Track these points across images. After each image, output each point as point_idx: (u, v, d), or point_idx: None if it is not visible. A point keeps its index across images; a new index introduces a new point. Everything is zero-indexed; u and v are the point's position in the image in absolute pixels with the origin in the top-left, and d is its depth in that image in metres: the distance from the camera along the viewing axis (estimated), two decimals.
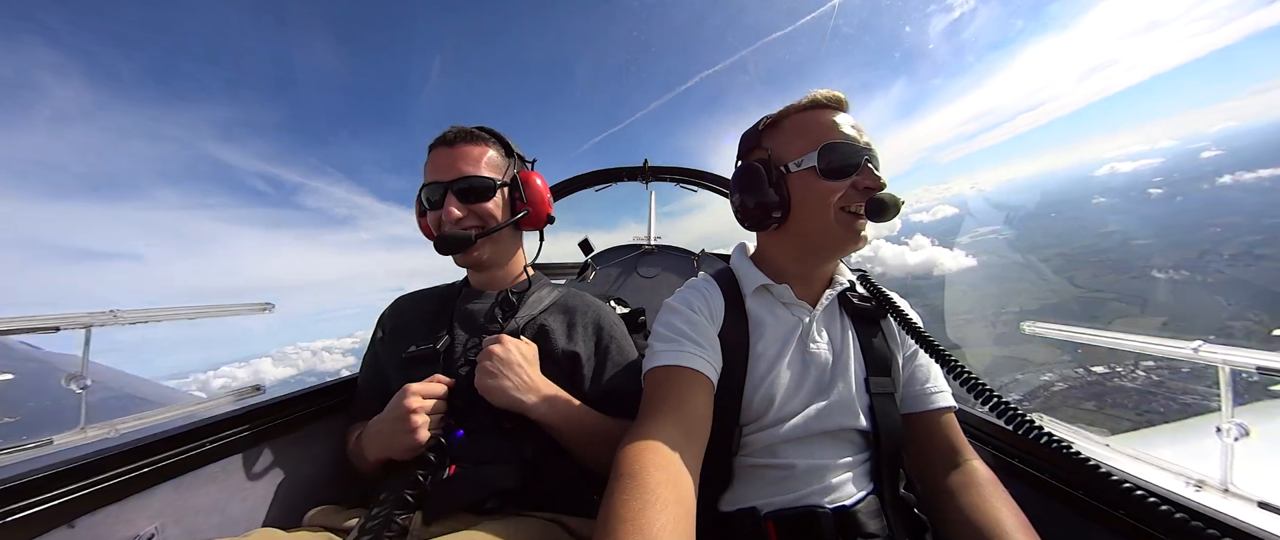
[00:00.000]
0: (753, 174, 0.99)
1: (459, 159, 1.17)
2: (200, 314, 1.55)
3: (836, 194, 0.92)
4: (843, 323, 1.06)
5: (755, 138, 1.03)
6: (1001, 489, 0.90)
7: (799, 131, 0.96)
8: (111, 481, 0.90)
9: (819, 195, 0.93)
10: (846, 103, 0.98)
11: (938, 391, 1.03)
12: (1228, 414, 1.15)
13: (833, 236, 0.95)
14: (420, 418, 0.98)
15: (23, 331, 1.08)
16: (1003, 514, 0.84)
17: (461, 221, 1.15)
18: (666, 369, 0.90)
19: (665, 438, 0.76)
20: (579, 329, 1.20)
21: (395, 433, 0.99)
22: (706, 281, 1.09)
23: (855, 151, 0.92)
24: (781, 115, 1.01)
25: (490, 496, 0.96)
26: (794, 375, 0.99)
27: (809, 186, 0.94)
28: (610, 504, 0.65)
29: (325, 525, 0.97)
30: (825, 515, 0.89)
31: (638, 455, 0.72)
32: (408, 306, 1.29)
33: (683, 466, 0.74)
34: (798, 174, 0.95)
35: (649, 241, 3.25)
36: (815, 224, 0.95)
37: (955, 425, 1.02)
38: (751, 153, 1.04)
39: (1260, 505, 0.98)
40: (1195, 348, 1.24)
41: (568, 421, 1.03)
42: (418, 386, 1.01)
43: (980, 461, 0.97)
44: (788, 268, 1.05)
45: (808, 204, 0.95)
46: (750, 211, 1.00)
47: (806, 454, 0.96)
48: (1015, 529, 0.82)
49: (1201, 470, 1.14)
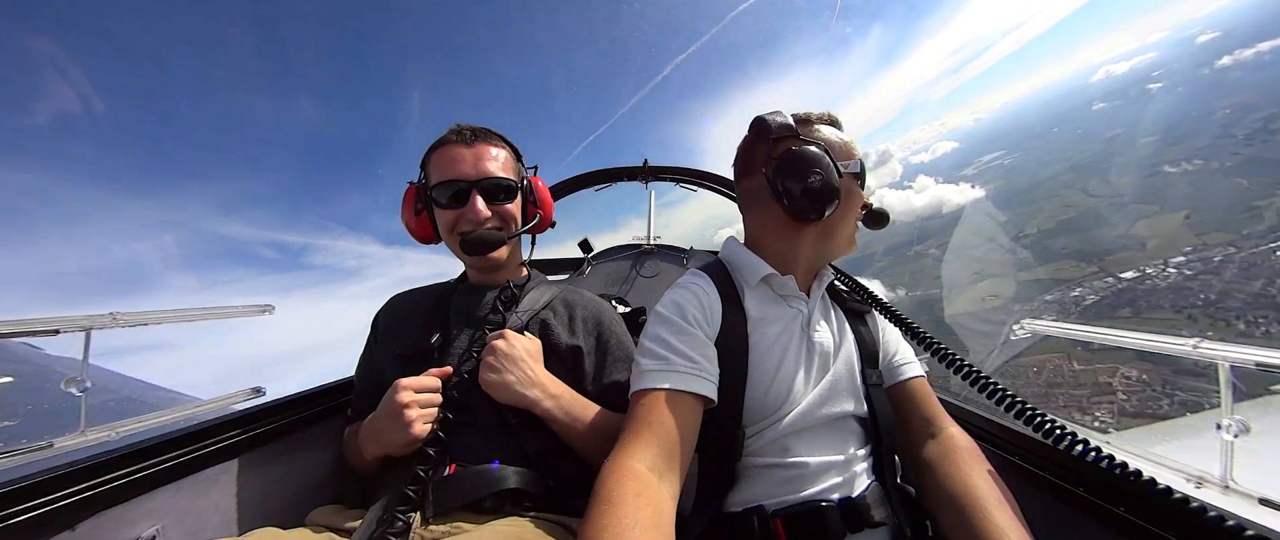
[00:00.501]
0: (820, 161, 0.94)
1: (483, 158, 1.15)
2: (200, 316, 1.55)
3: (862, 202, 1.04)
4: (836, 314, 1.09)
5: (793, 128, 0.99)
6: (979, 458, 0.91)
7: (836, 139, 1.01)
8: (112, 484, 0.90)
9: (857, 201, 1.03)
10: None
11: (905, 362, 1.07)
12: (1227, 411, 1.16)
13: (850, 240, 1.05)
14: (414, 412, 0.97)
15: (23, 334, 1.08)
16: (979, 484, 0.85)
17: (488, 222, 1.15)
18: (652, 393, 0.87)
19: (646, 462, 0.77)
20: (580, 324, 1.20)
21: (389, 429, 0.98)
22: (698, 278, 1.05)
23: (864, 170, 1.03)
24: (808, 117, 1.03)
25: (491, 495, 0.96)
26: (799, 367, 0.98)
27: (851, 191, 1.01)
28: (587, 532, 0.67)
29: (326, 525, 0.96)
30: (831, 508, 0.89)
31: (619, 482, 0.73)
32: (402, 304, 1.28)
33: (663, 492, 0.75)
34: (846, 176, 0.99)
35: (649, 241, 3.25)
36: (846, 226, 1.03)
37: (928, 394, 1.04)
38: (789, 139, 0.99)
39: (1261, 502, 0.98)
40: (1193, 345, 1.25)
41: (571, 417, 1.03)
42: (410, 380, 1.00)
43: (957, 429, 0.98)
44: (798, 260, 1.04)
45: (849, 205, 1.01)
46: (809, 198, 0.95)
47: (810, 445, 0.95)
48: (990, 499, 0.82)
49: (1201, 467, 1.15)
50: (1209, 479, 1.14)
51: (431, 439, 0.98)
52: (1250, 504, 1.03)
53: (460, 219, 1.14)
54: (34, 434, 1.02)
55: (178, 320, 1.49)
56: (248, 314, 1.69)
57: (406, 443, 0.97)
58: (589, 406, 1.07)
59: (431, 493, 0.94)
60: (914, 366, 1.06)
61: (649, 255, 3.06)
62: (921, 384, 1.05)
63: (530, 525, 0.92)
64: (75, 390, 1.22)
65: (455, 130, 1.19)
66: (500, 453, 1.02)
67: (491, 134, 1.21)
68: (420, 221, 1.20)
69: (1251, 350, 1.14)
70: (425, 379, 1.02)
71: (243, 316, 1.68)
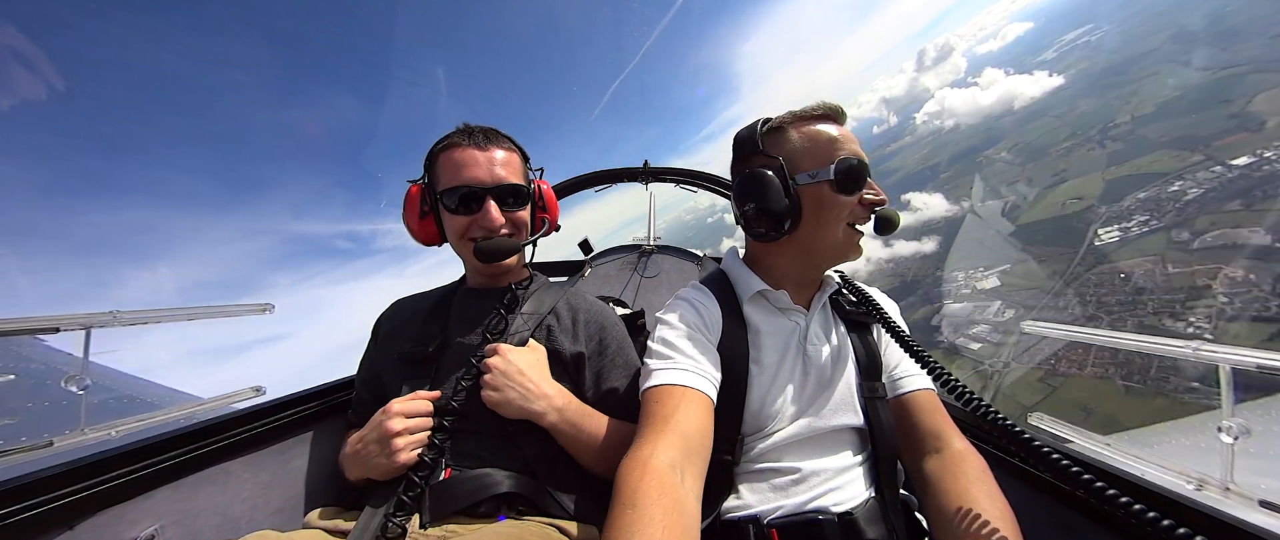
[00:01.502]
0: (765, 182, 0.96)
1: (496, 163, 1.13)
2: (199, 315, 1.55)
3: (848, 209, 0.96)
4: (836, 325, 1.07)
5: (756, 143, 1.01)
6: (983, 474, 0.87)
7: (809, 143, 0.97)
8: (112, 483, 0.90)
9: (832, 209, 0.95)
10: (845, 114, 1.01)
11: (908, 374, 1.03)
12: (1228, 413, 1.16)
13: (838, 249, 0.99)
14: (402, 440, 0.95)
15: (23, 332, 1.08)
16: (978, 503, 0.81)
17: (502, 228, 1.13)
18: (664, 389, 0.88)
19: (666, 461, 0.75)
20: (582, 328, 1.19)
21: (375, 453, 0.96)
22: (700, 290, 1.08)
23: (863, 167, 0.95)
24: (784, 122, 1.00)
25: (487, 500, 0.96)
26: (795, 379, 0.99)
27: (821, 200, 0.95)
28: (611, 534, 0.65)
29: (325, 527, 0.96)
30: (829, 521, 0.88)
31: (639, 482, 0.70)
32: (404, 308, 1.27)
33: (685, 491, 0.73)
34: (810, 186, 0.95)
35: (649, 242, 3.25)
36: (825, 236, 0.97)
37: (934, 406, 1.00)
38: (753, 158, 1.01)
39: (1261, 504, 0.98)
40: (1194, 348, 1.24)
41: (576, 427, 1.03)
42: (400, 405, 0.98)
43: (964, 443, 0.94)
44: (786, 274, 1.05)
45: (820, 216, 0.96)
46: (762, 219, 0.98)
47: (808, 457, 0.96)
48: (993, 518, 0.79)
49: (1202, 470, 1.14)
50: (1210, 481, 1.14)
51: (418, 465, 0.97)
52: (1250, 506, 1.03)
53: (473, 225, 1.12)
54: (34, 432, 1.01)
55: (178, 319, 1.49)
56: (248, 312, 1.69)
57: (390, 471, 0.96)
58: (593, 416, 1.07)
59: (428, 497, 0.94)
60: (918, 378, 1.02)
61: (649, 256, 3.06)
62: (926, 396, 1.01)
63: (526, 529, 0.92)
64: (75, 388, 1.22)
65: (464, 131, 1.16)
66: (498, 458, 1.02)
67: (501, 136, 1.19)
68: (424, 224, 1.17)
69: (1252, 352, 1.13)
70: (415, 403, 1.00)
71: (243, 315, 1.68)
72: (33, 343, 3.40)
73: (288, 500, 1.19)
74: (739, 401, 0.96)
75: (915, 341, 0.94)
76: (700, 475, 0.80)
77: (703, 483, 0.80)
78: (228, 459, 1.09)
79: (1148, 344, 1.40)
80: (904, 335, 0.95)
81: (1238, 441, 1.13)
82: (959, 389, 0.81)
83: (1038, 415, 1.52)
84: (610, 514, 0.68)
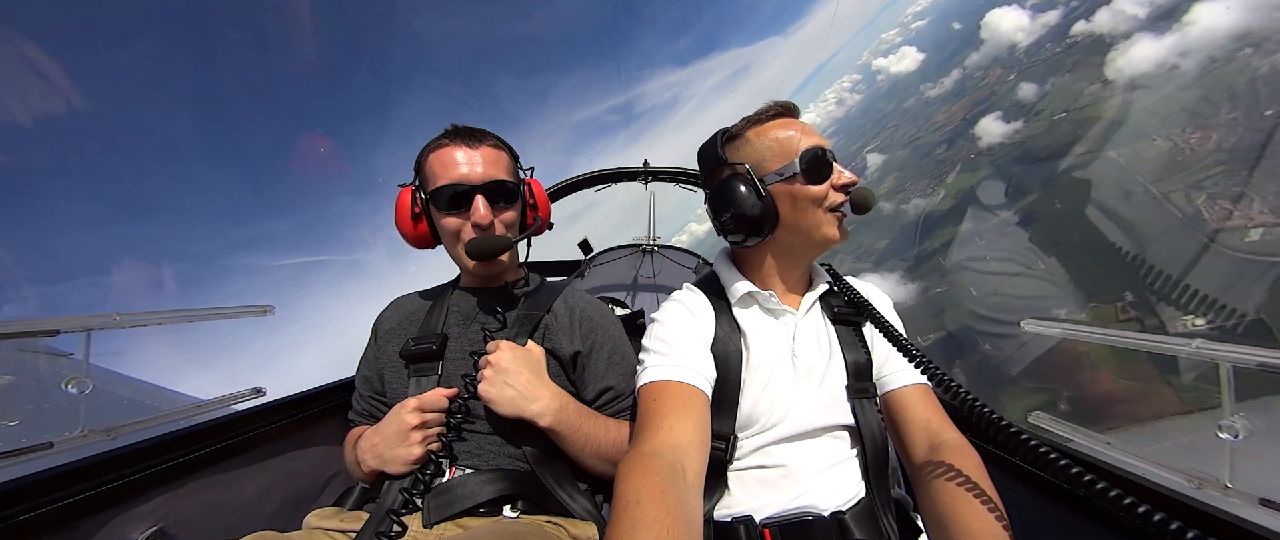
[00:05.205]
0: (736, 190, 0.98)
1: (485, 161, 1.14)
2: (200, 316, 1.55)
3: (823, 196, 0.98)
4: (826, 324, 1.07)
5: (719, 155, 1.03)
6: (975, 470, 0.85)
7: (770, 143, 0.99)
8: (112, 485, 0.90)
9: (807, 200, 0.98)
10: (798, 108, 1.04)
11: (898, 370, 1.03)
12: (1228, 411, 1.15)
13: (822, 235, 1.00)
14: (419, 434, 0.98)
15: (22, 335, 1.08)
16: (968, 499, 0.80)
17: (492, 226, 1.14)
18: (660, 385, 0.89)
19: (667, 458, 0.75)
20: (579, 328, 1.20)
21: (392, 445, 0.98)
22: (693, 291, 1.10)
23: (827, 154, 0.98)
24: (742, 129, 1.02)
25: (489, 500, 0.96)
26: (786, 379, 0.99)
27: (795, 194, 0.98)
28: (615, 532, 0.65)
29: (324, 527, 0.97)
30: (821, 521, 0.89)
31: (641, 480, 0.70)
32: (402, 307, 1.28)
33: (687, 488, 0.73)
34: (781, 184, 0.97)
35: (649, 242, 3.25)
36: (806, 227, 1.00)
37: (926, 401, 0.99)
38: (720, 170, 1.04)
39: (1262, 502, 0.98)
40: (1195, 346, 1.24)
41: (573, 428, 1.03)
42: (416, 401, 1.00)
43: (957, 437, 0.93)
44: (774, 273, 1.06)
45: (798, 210, 0.98)
46: (740, 226, 1.00)
47: (799, 455, 0.96)
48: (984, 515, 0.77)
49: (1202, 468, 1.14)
50: (1210, 480, 1.14)
51: (431, 459, 0.98)
52: (1251, 504, 1.02)
53: (464, 224, 1.13)
54: (34, 434, 1.01)
55: (178, 320, 1.49)
56: (247, 314, 1.69)
57: (407, 463, 0.97)
58: (592, 417, 1.07)
59: (430, 497, 0.95)
60: (908, 374, 1.01)
61: (649, 256, 3.06)
62: (917, 391, 1.00)
63: (529, 527, 0.92)
64: (75, 390, 1.21)
65: (452, 131, 1.17)
66: (499, 457, 1.02)
67: (489, 135, 1.20)
68: (417, 227, 1.17)
69: (1252, 350, 1.13)
70: (432, 398, 1.01)
71: (242, 317, 1.68)
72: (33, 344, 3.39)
73: (287, 501, 1.19)
74: (731, 401, 0.96)
75: (906, 338, 0.94)
76: (700, 471, 0.81)
77: (703, 478, 0.81)
78: (227, 460, 1.09)
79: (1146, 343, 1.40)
80: (894, 331, 0.95)
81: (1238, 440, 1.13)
82: (952, 386, 0.81)
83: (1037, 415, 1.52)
84: (613, 513, 0.69)
